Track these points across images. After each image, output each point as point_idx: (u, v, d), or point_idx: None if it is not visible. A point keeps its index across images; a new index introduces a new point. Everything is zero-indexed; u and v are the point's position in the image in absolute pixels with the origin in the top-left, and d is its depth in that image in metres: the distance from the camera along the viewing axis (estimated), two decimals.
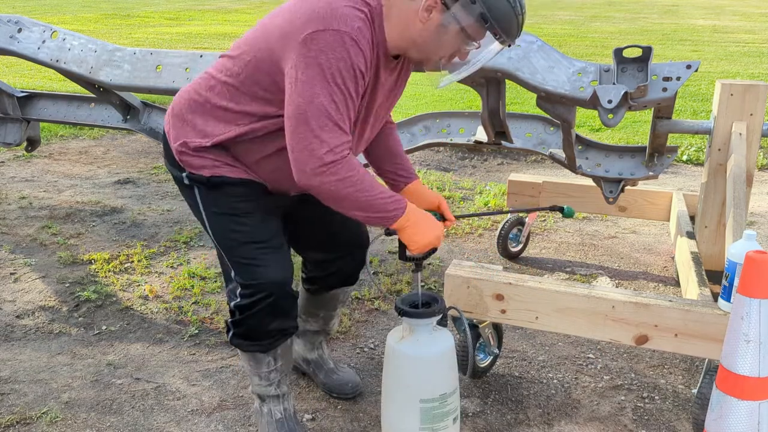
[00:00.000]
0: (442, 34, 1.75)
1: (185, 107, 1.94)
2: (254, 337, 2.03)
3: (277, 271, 1.94)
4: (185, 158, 1.94)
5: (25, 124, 3.89)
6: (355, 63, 1.68)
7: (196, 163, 1.92)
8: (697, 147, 5.48)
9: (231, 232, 1.95)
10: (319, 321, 2.42)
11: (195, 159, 1.92)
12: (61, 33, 3.26)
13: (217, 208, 1.95)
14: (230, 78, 1.85)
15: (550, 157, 3.13)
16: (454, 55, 1.81)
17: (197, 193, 1.96)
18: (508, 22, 1.72)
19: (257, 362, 2.09)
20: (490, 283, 2.30)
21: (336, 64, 1.65)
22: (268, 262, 1.94)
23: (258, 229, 1.96)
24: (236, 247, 1.95)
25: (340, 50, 1.65)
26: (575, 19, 16.96)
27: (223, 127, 1.87)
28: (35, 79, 8.57)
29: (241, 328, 2.03)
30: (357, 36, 1.67)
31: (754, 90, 2.71)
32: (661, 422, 2.32)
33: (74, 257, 3.56)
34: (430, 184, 4.75)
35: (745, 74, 8.66)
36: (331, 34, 1.64)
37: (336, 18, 1.66)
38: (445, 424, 1.98)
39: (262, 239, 1.95)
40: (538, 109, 2.63)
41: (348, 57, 1.66)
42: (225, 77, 1.86)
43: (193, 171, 1.94)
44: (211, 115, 1.89)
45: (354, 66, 1.68)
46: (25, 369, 2.62)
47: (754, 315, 1.69)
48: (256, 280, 1.93)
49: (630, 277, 3.41)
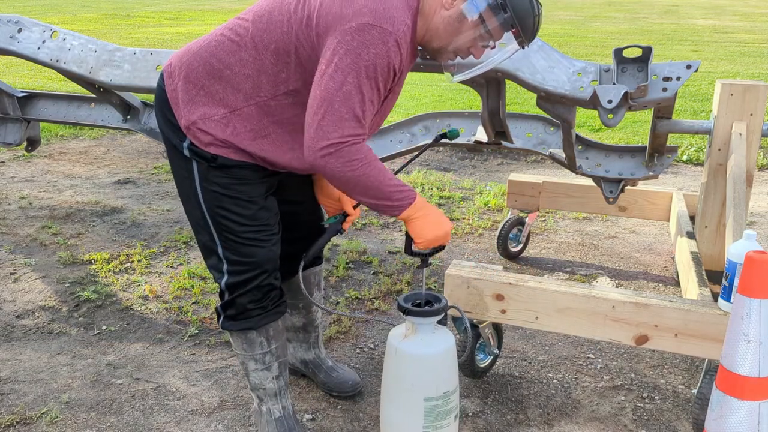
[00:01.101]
0: (462, 22, 1.79)
1: (202, 73, 1.89)
2: (244, 316, 2.04)
3: (271, 252, 1.99)
4: (195, 130, 1.89)
5: (25, 124, 3.89)
6: (392, 63, 1.73)
7: (205, 138, 1.89)
8: (697, 147, 5.48)
9: (228, 212, 1.95)
10: (302, 312, 2.40)
11: (203, 134, 1.89)
12: (61, 33, 3.26)
13: (216, 187, 1.93)
14: (250, 44, 1.83)
15: (550, 157, 3.13)
16: (470, 48, 1.84)
17: (195, 167, 1.94)
18: (525, 18, 1.78)
19: (250, 344, 2.08)
20: (490, 283, 2.30)
21: (374, 60, 1.70)
22: (264, 244, 1.98)
23: (258, 213, 1.97)
24: (232, 227, 1.96)
25: (383, 48, 1.70)
26: (575, 19, 16.96)
27: (243, 98, 1.86)
28: (35, 79, 8.57)
29: (232, 309, 2.04)
30: (401, 39, 1.73)
31: (754, 90, 2.71)
32: (661, 422, 2.32)
33: (74, 257, 3.56)
34: (430, 184, 4.76)
35: (746, 74, 8.66)
36: (378, 31, 1.69)
37: (387, 18, 1.70)
38: (447, 422, 1.99)
39: (259, 223, 1.97)
40: (538, 109, 2.63)
41: (387, 56, 1.71)
42: (246, 42, 1.84)
43: (197, 145, 1.90)
44: (230, 84, 1.86)
45: (390, 66, 1.73)
46: (25, 369, 2.62)
47: (754, 315, 1.69)
48: (251, 258, 1.96)
49: (630, 277, 3.41)
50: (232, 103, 1.87)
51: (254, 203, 1.96)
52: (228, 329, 2.08)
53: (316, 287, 2.39)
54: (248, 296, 2.01)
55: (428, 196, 4.50)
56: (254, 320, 2.05)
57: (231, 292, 2.02)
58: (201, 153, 1.90)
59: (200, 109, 1.89)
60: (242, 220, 1.95)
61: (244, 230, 1.95)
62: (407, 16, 1.75)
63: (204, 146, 1.90)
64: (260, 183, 1.97)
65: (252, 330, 2.06)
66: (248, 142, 1.90)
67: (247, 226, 1.95)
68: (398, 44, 1.72)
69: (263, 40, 1.82)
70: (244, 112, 1.87)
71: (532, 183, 3.48)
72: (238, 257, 1.97)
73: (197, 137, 1.90)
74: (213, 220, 1.97)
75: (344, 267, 3.46)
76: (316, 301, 2.39)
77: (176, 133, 1.94)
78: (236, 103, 1.87)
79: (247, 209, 1.95)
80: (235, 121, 1.88)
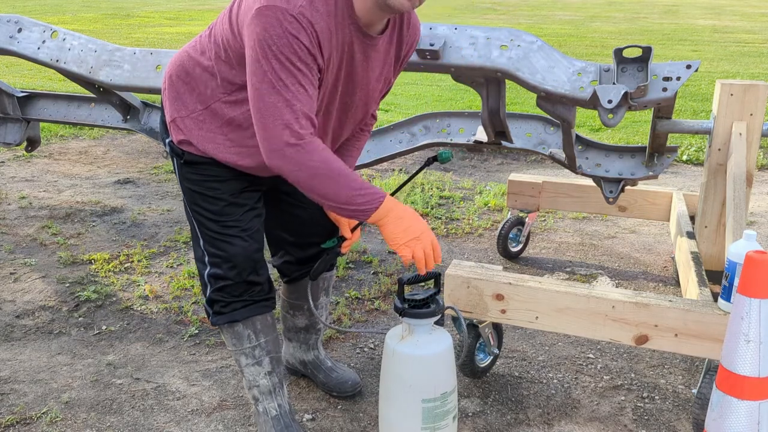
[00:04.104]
0: None
1: (180, 70, 1.96)
2: (229, 309, 2.06)
3: (241, 248, 2.00)
4: (172, 129, 1.99)
5: (25, 124, 3.89)
6: (298, 40, 1.66)
7: (176, 133, 1.98)
8: (697, 147, 5.48)
9: (200, 208, 2.01)
10: (306, 314, 2.41)
11: (177, 132, 1.97)
12: (61, 33, 3.26)
13: (188, 183, 2.01)
14: (216, 43, 1.87)
15: (550, 157, 3.13)
16: None
17: (175, 163, 2.04)
18: None
19: (239, 339, 2.10)
20: (490, 283, 2.30)
21: (278, 41, 1.65)
22: (234, 240, 2.00)
23: (225, 209, 2.00)
24: (204, 222, 2.01)
25: (279, 28, 1.65)
26: (575, 19, 16.96)
27: (211, 93, 1.90)
28: (35, 79, 8.57)
29: (217, 304, 2.06)
30: (298, 14, 1.66)
31: (754, 90, 2.71)
32: (661, 422, 2.32)
33: (74, 257, 3.56)
34: (430, 184, 4.76)
35: (745, 74, 8.66)
36: (272, 11, 1.65)
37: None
38: (446, 423, 1.99)
39: (228, 219, 2.00)
40: (538, 109, 2.63)
41: (288, 34, 1.65)
42: (214, 40, 1.88)
43: (173, 142, 2.00)
44: (201, 81, 1.91)
45: (297, 43, 1.66)
46: (25, 369, 2.62)
47: (754, 315, 1.69)
48: (224, 252, 2.00)
49: (630, 277, 3.41)
50: (194, 104, 1.94)
51: (221, 200, 1.99)
52: (216, 324, 2.10)
53: (324, 292, 2.40)
54: (229, 289, 2.04)
55: (428, 196, 4.50)
56: (238, 312, 2.06)
57: (212, 284, 2.05)
58: (176, 150, 2.00)
59: (175, 107, 1.97)
60: (211, 215, 2.00)
61: (214, 225, 2.00)
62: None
63: (178, 143, 1.99)
64: (231, 180, 1.99)
65: (238, 323, 2.08)
66: (207, 144, 1.95)
67: (215, 222, 2.00)
68: (297, 19, 1.65)
69: (213, 46, 1.88)
70: (204, 114, 1.93)
71: (532, 183, 3.48)
72: (215, 250, 2.01)
73: (173, 134, 1.99)
74: (192, 213, 2.04)
75: (344, 267, 3.46)
76: (320, 310, 2.41)
77: (165, 131, 2.05)
78: (196, 105, 1.94)
79: (214, 205, 1.99)
80: (204, 120, 1.94)
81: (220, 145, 1.93)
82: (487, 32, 2.60)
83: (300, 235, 2.23)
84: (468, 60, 2.57)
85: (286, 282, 2.36)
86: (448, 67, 2.62)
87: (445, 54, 2.59)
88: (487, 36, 2.58)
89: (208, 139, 1.94)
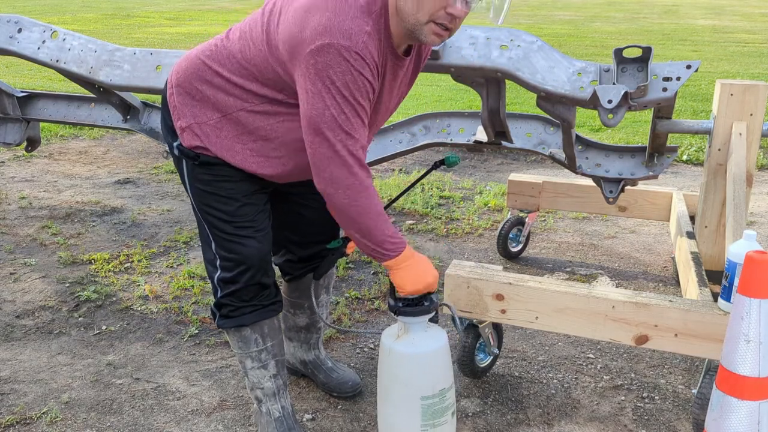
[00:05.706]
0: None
1: (194, 77, 1.94)
2: (238, 313, 2.06)
3: (255, 249, 2.00)
4: (185, 133, 1.97)
5: (25, 124, 3.88)
6: (362, 75, 1.71)
7: (190, 138, 1.96)
8: (697, 147, 5.48)
9: (213, 209, 2.00)
10: (306, 312, 2.41)
11: (190, 135, 1.96)
12: (61, 33, 3.26)
13: (201, 184, 2.00)
14: (236, 57, 1.87)
15: (550, 157, 3.13)
16: (445, 8, 1.69)
17: (185, 165, 2.01)
18: None
19: (245, 343, 2.10)
20: (490, 283, 2.30)
21: (343, 78, 1.68)
22: (247, 241, 2.00)
23: (239, 210, 1.99)
24: (216, 224, 2.00)
25: (345, 65, 1.68)
26: (575, 19, 16.96)
27: (233, 102, 1.89)
28: (35, 79, 8.57)
29: (225, 307, 2.06)
30: (362, 49, 1.69)
31: (754, 90, 2.70)
32: (661, 422, 2.32)
33: (74, 257, 3.57)
34: (430, 184, 4.75)
35: (745, 74, 8.66)
36: (336, 48, 1.66)
37: (342, 32, 1.67)
38: (445, 419, 1.99)
39: (242, 219, 2.00)
40: (538, 109, 2.63)
41: (353, 70, 1.69)
42: (234, 54, 1.87)
43: (185, 144, 1.97)
44: (221, 90, 1.90)
45: (361, 78, 1.71)
46: (25, 369, 2.62)
47: (754, 315, 1.69)
48: (237, 254, 1.99)
49: (630, 277, 3.41)
50: (212, 112, 1.93)
51: (235, 200, 1.99)
52: (223, 327, 2.10)
53: (325, 290, 2.41)
54: (239, 293, 2.03)
55: (428, 196, 4.50)
56: (247, 317, 2.07)
57: (222, 288, 2.04)
58: (187, 152, 1.98)
59: (191, 113, 1.95)
60: (225, 216, 1.99)
61: (227, 227, 1.99)
62: (365, 23, 1.70)
63: (190, 146, 1.97)
64: (244, 181, 1.99)
65: (246, 327, 2.08)
66: (225, 152, 1.94)
67: (229, 223, 1.99)
68: (360, 55, 1.69)
69: (238, 61, 1.86)
70: (222, 121, 1.92)
71: (532, 183, 3.48)
72: (227, 253, 2.01)
73: (186, 138, 1.97)
74: (203, 216, 2.03)
75: (344, 267, 3.46)
76: (321, 308, 2.42)
77: (171, 133, 2.02)
78: (213, 113, 1.93)
79: (228, 205, 1.99)
80: (223, 127, 1.93)
81: (238, 154, 1.94)
82: (487, 32, 2.60)
83: (305, 234, 2.24)
84: (468, 60, 2.57)
85: (288, 280, 2.36)
86: (448, 67, 2.62)
87: (445, 54, 2.59)
88: (487, 36, 2.58)
89: (226, 147, 1.93)
